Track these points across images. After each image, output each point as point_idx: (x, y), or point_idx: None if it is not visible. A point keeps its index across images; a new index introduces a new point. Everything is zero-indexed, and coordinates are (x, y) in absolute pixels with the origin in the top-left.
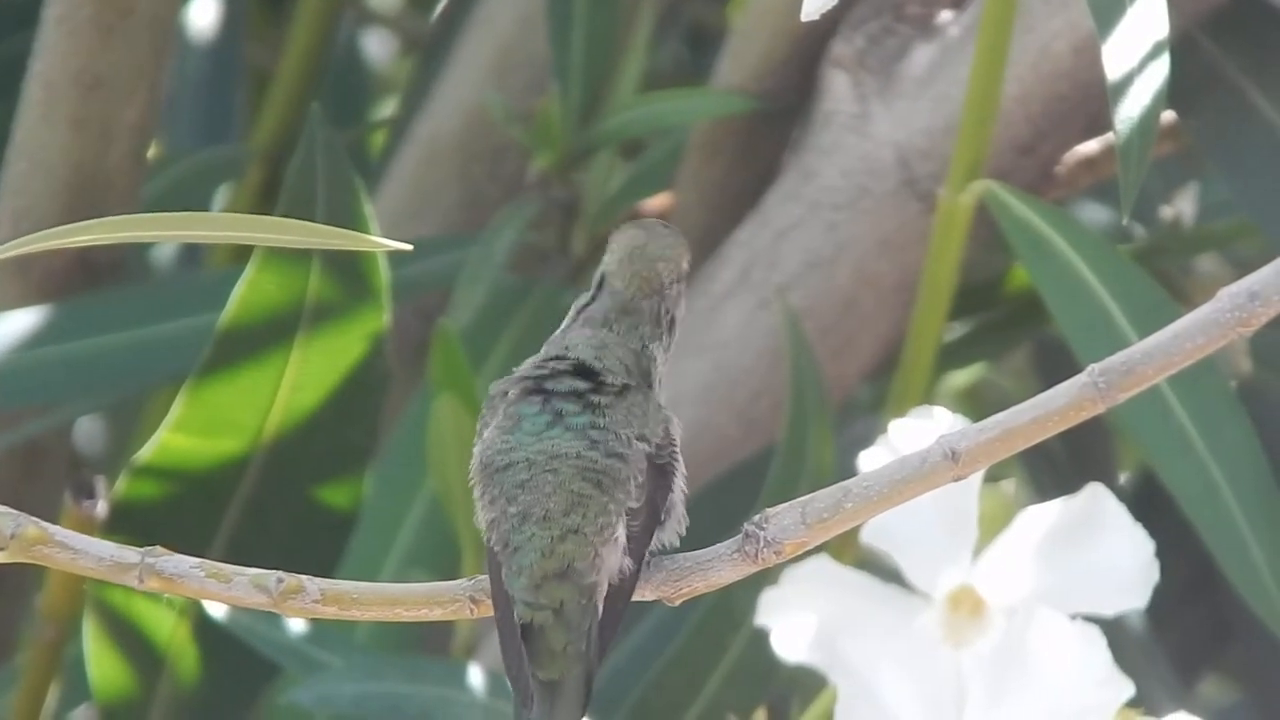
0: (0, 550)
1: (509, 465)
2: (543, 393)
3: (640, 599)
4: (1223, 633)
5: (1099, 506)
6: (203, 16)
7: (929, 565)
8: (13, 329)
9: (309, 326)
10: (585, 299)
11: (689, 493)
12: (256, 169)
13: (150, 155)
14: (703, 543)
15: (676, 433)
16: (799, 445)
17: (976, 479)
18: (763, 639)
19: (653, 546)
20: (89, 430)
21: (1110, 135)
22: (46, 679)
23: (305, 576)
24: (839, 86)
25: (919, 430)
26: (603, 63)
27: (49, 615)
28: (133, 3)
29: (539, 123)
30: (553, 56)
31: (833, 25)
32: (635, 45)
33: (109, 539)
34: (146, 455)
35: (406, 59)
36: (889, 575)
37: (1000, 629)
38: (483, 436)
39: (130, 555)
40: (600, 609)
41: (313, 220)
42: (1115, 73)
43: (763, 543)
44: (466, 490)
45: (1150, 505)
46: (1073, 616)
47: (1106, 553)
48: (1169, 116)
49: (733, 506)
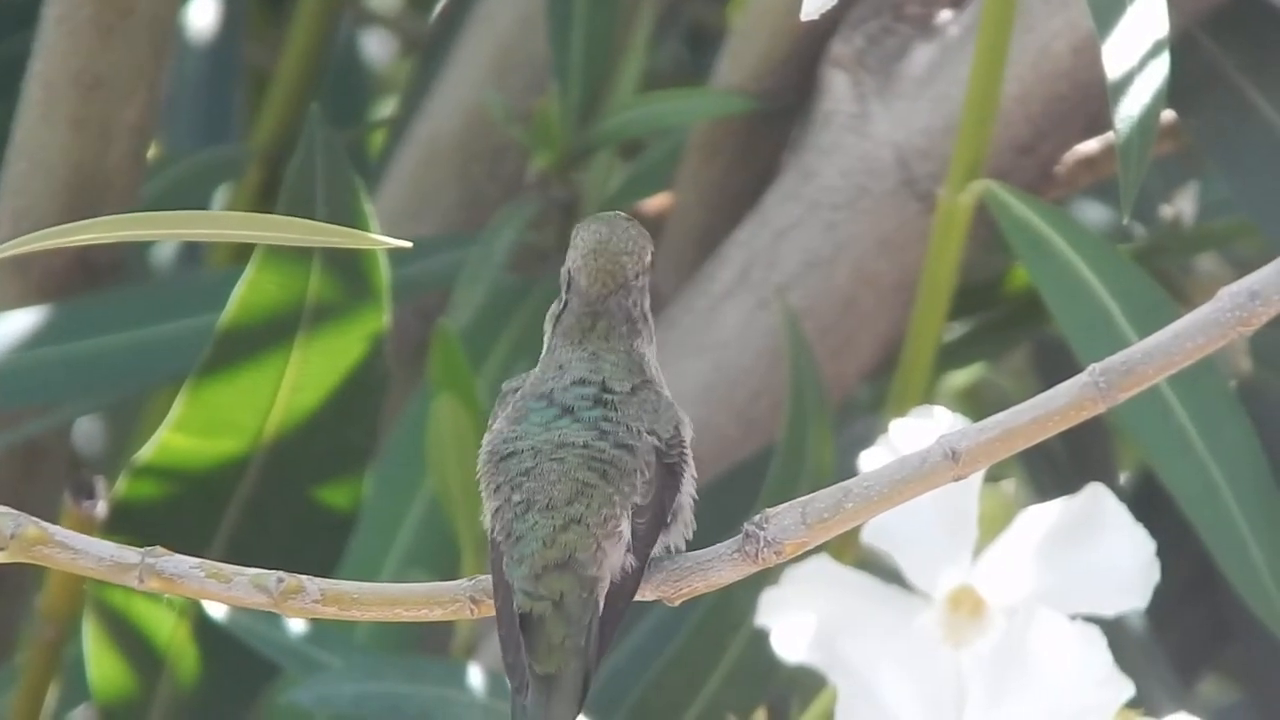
0: (0, 550)
1: (514, 453)
2: (552, 394)
3: (640, 599)
4: (1223, 633)
5: (1099, 506)
6: (202, 16)
7: (929, 565)
8: (13, 329)
9: (309, 326)
10: (557, 308)
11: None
12: (256, 169)
13: (150, 155)
14: (703, 543)
15: (687, 434)
16: (799, 445)
17: (976, 479)
18: (763, 639)
19: (657, 549)
20: (89, 430)
21: (1110, 135)
22: (46, 679)
23: (305, 576)
24: (838, 86)
25: (919, 430)
26: (602, 63)
27: (49, 615)
28: (132, 3)
29: (538, 122)
30: (552, 56)
31: (832, 25)
32: (635, 45)
33: (109, 539)
34: (146, 455)
35: (406, 59)
36: (889, 575)
37: (1000, 629)
38: (491, 429)
39: (130, 555)
40: (601, 605)
41: (313, 220)
42: (1115, 72)
43: (763, 543)
44: (466, 490)
45: (1150, 505)
46: (1073, 616)
47: (1106, 553)
48: (1169, 116)
49: (733, 506)
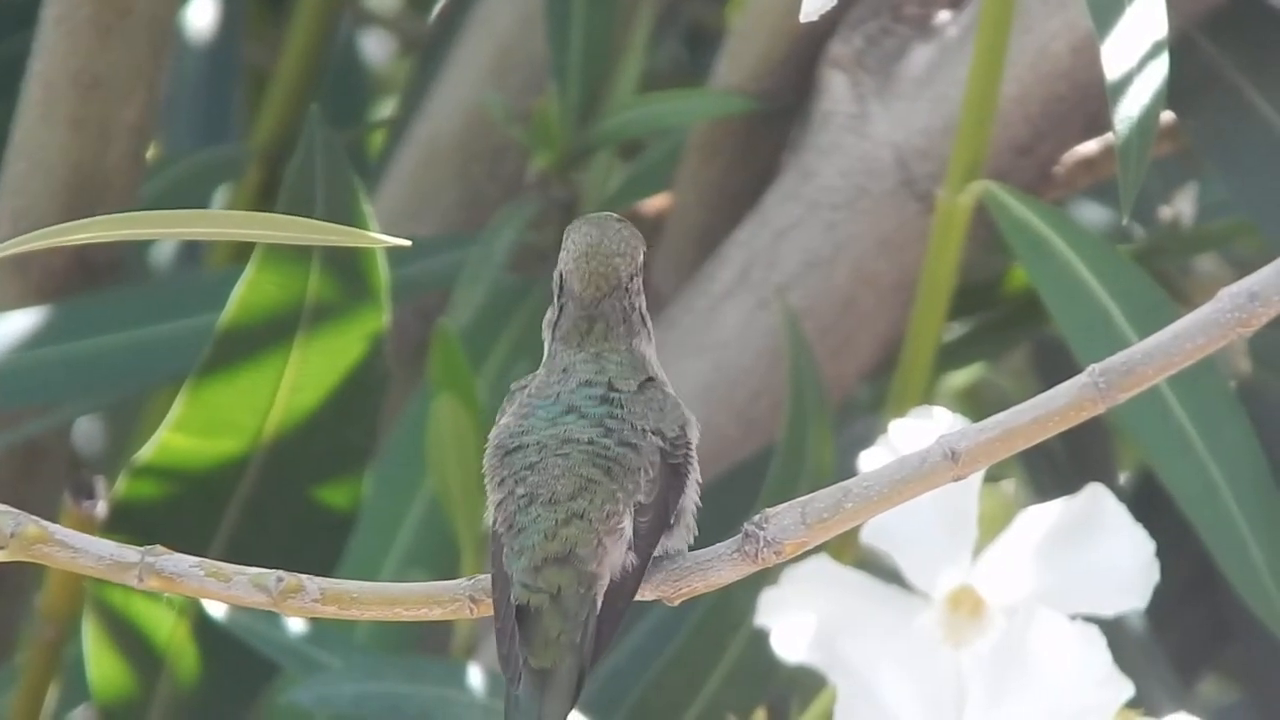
0: (0, 549)
1: (519, 447)
2: (559, 395)
3: (640, 599)
4: (1223, 633)
5: (1099, 506)
6: (201, 17)
7: (929, 565)
8: (12, 329)
9: (308, 326)
10: (553, 314)
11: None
12: (255, 169)
13: (149, 155)
14: (703, 543)
15: (693, 434)
16: (799, 445)
17: (976, 479)
18: (763, 639)
19: (659, 551)
20: (89, 430)
21: (1109, 135)
22: (46, 679)
23: (305, 576)
24: (837, 87)
25: (919, 430)
26: (601, 63)
27: (49, 615)
28: (131, 3)
29: (538, 123)
30: (551, 56)
31: (831, 26)
32: (634, 45)
33: (109, 538)
34: (146, 455)
35: (405, 59)
36: (889, 575)
37: (1000, 629)
38: (498, 424)
39: (130, 554)
40: (599, 602)
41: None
42: (1114, 73)
43: (763, 543)
44: (465, 490)
45: (1150, 505)
46: (1073, 616)
47: (1106, 553)
48: (1168, 116)
49: (733, 506)
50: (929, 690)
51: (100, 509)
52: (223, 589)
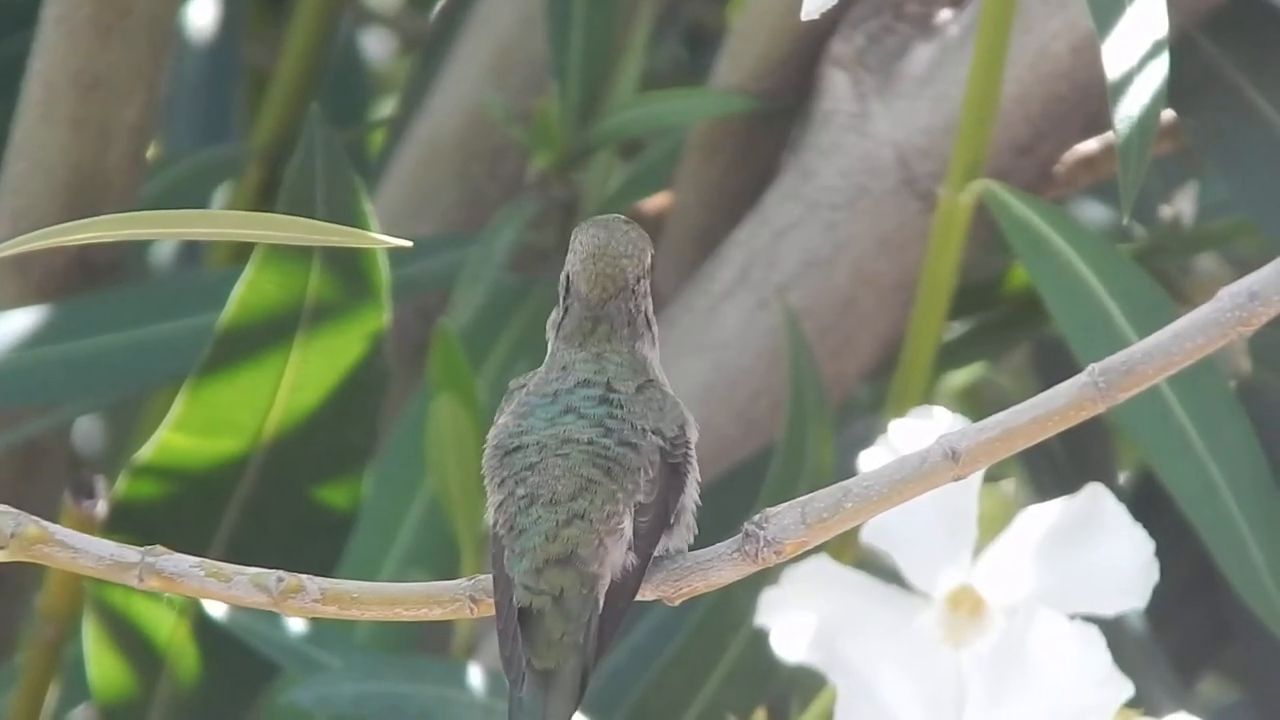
0: (0, 549)
1: (519, 448)
2: (557, 394)
3: (640, 599)
4: (1223, 633)
5: (1099, 506)
6: (201, 16)
7: (929, 565)
8: (12, 329)
9: (309, 326)
10: (557, 314)
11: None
12: (255, 169)
13: (149, 155)
14: (703, 543)
15: (692, 434)
16: (799, 445)
17: (976, 479)
18: (763, 639)
19: (659, 551)
20: (89, 430)
21: (1109, 135)
22: (46, 679)
23: (305, 576)
24: (838, 86)
25: (919, 430)
26: (602, 62)
27: (49, 615)
28: (131, 3)
29: (538, 122)
30: (552, 56)
31: (832, 24)
32: (634, 45)
33: (109, 538)
34: (146, 455)
35: (405, 58)
36: (889, 575)
37: (1000, 629)
38: (497, 423)
39: (130, 554)
40: (601, 602)
41: (313, 219)
42: (1114, 72)
43: (763, 542)
44: (465, 490)
45: (1150, 505)
46: (1073, 616)
47: (1106, 553)
48: (1168, 116)
49: (733, 506)
50: (929, 690)
51: (100, 509)
52: (223, 589)
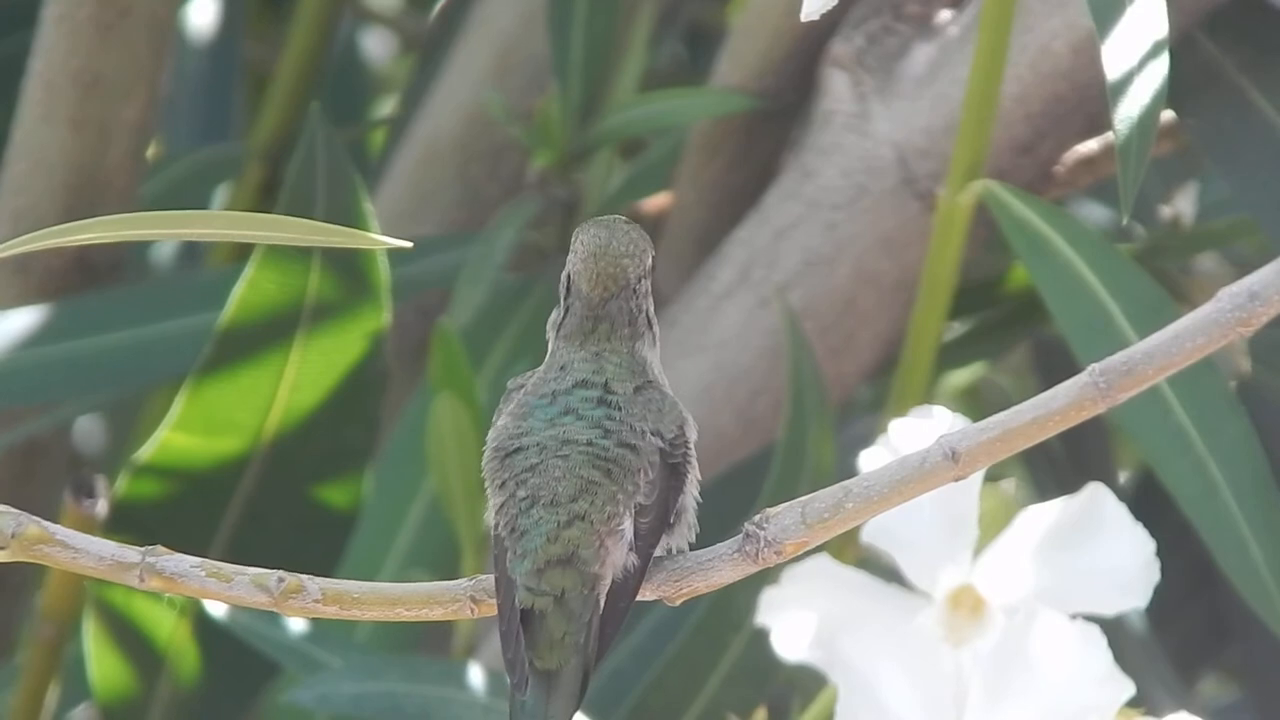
0: (0, 549)
1: (519, 449)
2: (555, 394)
3: (641, 599)
4: (1223, 632)
5: (1099, 506)
6: (201, 16)
7: (929, 565)
8: (13, 328)
9: (308, 326)
10: (558, 314)
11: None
12: (256, 168)
13: (149, 155)
14: (703, 543)
15: (691, 434)
16: (799, 445)
17: (976, 479)
18: (763, 639)
19: (659, 550)
20: (89, 430)
21: (1109, 134)
22: (46, 678)
23: (306, 576)
24: (838, 86)
25: (919, 430)
26: (602, 62)
27: (49, 615)
28: (131, 2)
29: (539, 122)
30: (552, 56)
31: (832, 25)
32: (635, 45)
33: (109, 538)
34: (146, 455)
35: (405, 58)
36: (889, 575)
37: (1000, 628)
38: (496, 424)
39: (131, 554)
40: (602, 603)
41: (313, 219)
42: (1114, 72)
43: (763, 543)
44: (466, 490)
45: (1150, 505)
46: (1073, 616)
47: (1106, 553)
48: (1168, 116)
49: (733, 506)
50: (929, 690)
51: (100, 509)
52: (224, 589)
